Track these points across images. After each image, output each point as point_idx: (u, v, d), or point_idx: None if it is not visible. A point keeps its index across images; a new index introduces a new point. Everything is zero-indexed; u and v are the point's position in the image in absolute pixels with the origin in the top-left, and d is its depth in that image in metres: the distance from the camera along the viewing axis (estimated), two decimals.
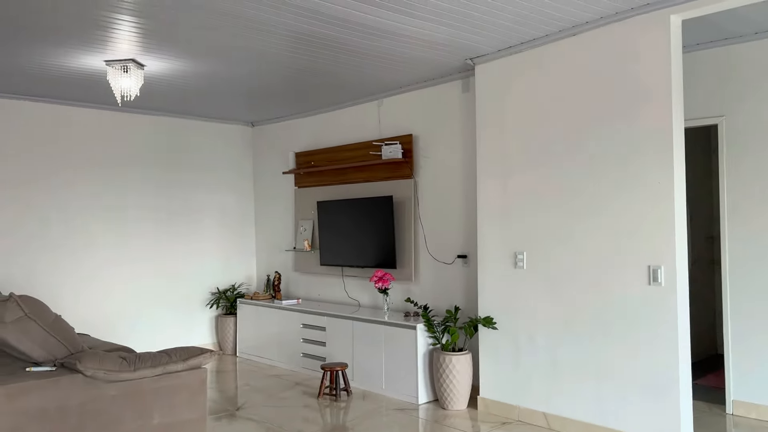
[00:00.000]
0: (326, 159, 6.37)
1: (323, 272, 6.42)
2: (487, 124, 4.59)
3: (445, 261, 5.26)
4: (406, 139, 5.50)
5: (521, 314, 4.38)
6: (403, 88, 5.52)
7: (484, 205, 4.60)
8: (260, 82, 5.32)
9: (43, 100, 5.84)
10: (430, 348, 4.89)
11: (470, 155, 5.04)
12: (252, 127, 7.45)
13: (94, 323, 6.19)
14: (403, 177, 5.57)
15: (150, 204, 6.62)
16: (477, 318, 4.57)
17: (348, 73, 5.01)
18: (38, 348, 3.47)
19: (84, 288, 6.14)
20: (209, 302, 7.06)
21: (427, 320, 4.78)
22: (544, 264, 4.25)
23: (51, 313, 3.59)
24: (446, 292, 5.24)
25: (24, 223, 5.79)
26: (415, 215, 5.49)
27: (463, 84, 5.08)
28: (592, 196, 4.00)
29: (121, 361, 3.52)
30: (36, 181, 5.86)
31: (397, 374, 4.99)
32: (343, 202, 5.99)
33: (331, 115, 6.38)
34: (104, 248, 6.28)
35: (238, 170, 7.37)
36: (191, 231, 6.94)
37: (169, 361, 3.68)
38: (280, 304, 6.28)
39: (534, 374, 4.31)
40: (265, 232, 7.33)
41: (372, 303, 5.92)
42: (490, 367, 4.57)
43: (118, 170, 6.39)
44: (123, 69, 4.57)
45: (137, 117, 6.52)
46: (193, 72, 4.97)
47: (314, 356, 5.82)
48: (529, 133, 4.33)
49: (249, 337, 6.66)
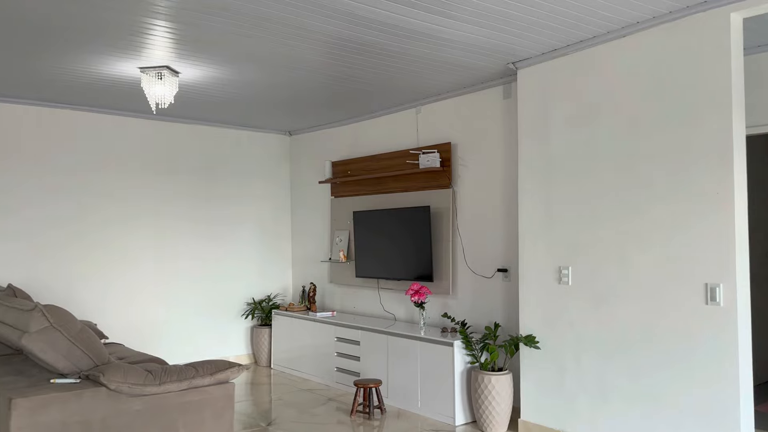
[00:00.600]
0: (363, 168, 6.22)
1: (359, 284, 6.26)
2: (529, 131, 4.37)
3: (484, 275, 5.03)
4: (444, 147, 5.31)
5: (566, 333, 4.12)
6: (442, 95, 5.33)
7: (526, 217, 4.37)
8: (297, 89, 5.22)
9: (79, 108, 5.86)
10: (468, 366, 4.66)
11: (511, 164, 4.81)
12: (290, 136, 7.37)
13: (129, 333, 6.17)
14: (441, 186, 5.37)
15: (187, 213, 6.59)
16: (518, 336, 4.32)
17: (385, 79, 4.86)
18: (63, 359, 3.39)
19: (119, 297, 6.13)
20: (244, 313, 6.98)
21: (464, 337, 4.56)
22: (591, 280, 3.99)
23: (77, 323, 3.51)
24: (485, 308, 5.01)
25: (58, 231, 5.80)
26: (453, 226, 5.28)
27: (505, 90, 4.87)
28: (644, 207, 3.73)
29: (147, 374, 3.42)
30: (71, 190, 5.88)
31: (433, 393, 4.77)
32: (379, 212, 5.82)
33: (369, 123, 6.24)
34: (140, 258, 6.26)
35: (275, 179, 7.29)
36: (228, 241, 6.88)
37: (196, 374, 3.56)
38: (314, 316, 6.14)
39: (580, 398, 4.03)
40: (301, 242, 7.22)
41: (408, 317, 5.72)
42: (532, 389, 4.31)
43: (155, 179, 6.37)
44: (158, 76, 4.52)
45: (173, 125, 6.50)
46: (228, 79, 4.90)
47: (348, 371, 5.64)
48: (575, 140, 4.09)
49: (283, 349, 6.54)
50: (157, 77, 4.52)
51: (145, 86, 4.53)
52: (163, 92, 4.54)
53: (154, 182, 6.38)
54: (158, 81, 4.53)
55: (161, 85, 4.53)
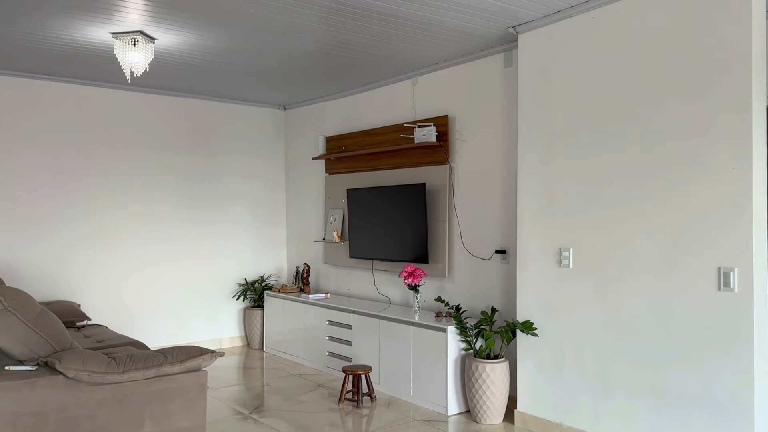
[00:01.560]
0: (357, 143, 5.92)
1: (353, 265, 5.98)
2: (530, 102, 4.03)
3: (482, 256, 4.73)
4: (441, 120, 4.99)
5: (566, 320, 3.82)
6: (439, 64, 4.99)
7: (525, 195, 4.06)
8: (288, 58, 4.90)
9: (57, 79, 5.58)
10: (462, 353, 4.38)
11: (512, 138, 4.49)
12: (284, 111, 7.06)
13: (115, 315, 5.95)
14: (438, 162, 5.06)
15: (177, 191, 6.32)
16: (515, 322, 4.03)
17: (381, 46, 4.53)
18: (19, 345, 3.15)
19: (105, 278, 5.90)
20: (236, 294, 6.74)
21: (459, 322, 4.28)
22: (594, 263, 3.68)
23: (36, 305, 3.27)
24: (482, 292, 4.72)
25: (39, 209, 5.56)
26: (450, 205, 4.97)
27: (505, 57, 4.53)
28: (653, 185, 3.41)
29: (109, 361, 3.17)
30: (53, 166, 5.63)
31: (425, 380, 4.51)
32: (373, 190, 5.52)
33: (364, 96, 5.92)
34: (126, 237, 6.02)
35: (269, 156, 7.00)
36: (220, 219, 6.62)
37: (164, 362, 3.31)
38: (306, 298, 5.89)
39: (580, 389, 3.75)
40: (296, 221, 6.95)
41: (404, 300, 5.45)
42: (529, 379, 4.03)
43: (141, 155, 6.10)
44: (131, 42, 4.22)
45: (160, 98, 6.21)
46: (209, 46, 4.59)
47: (339, 356, 5.39)
48: (580, 111, 3.76)
49: (276, 332, 6.31)
50: (131, 43, 4.22)
51: (119, 53, 4.24)
52: (137, 60, 4.25)
53: (141, 159, 6.11)
54: (132, 48, 4.23)
55: (135, 52, 4.23)
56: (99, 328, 5.23)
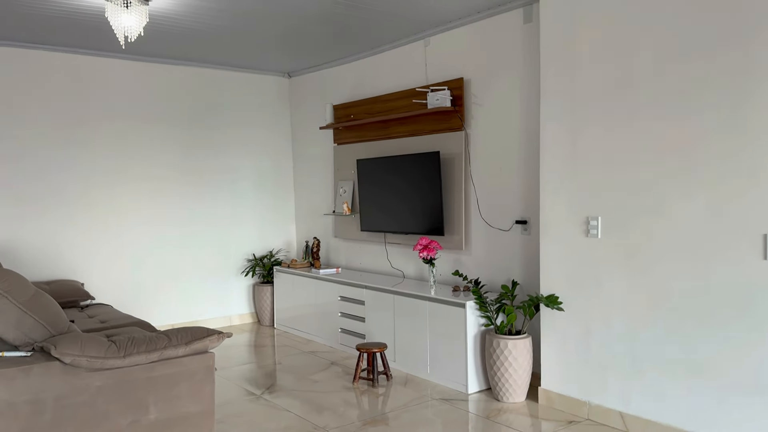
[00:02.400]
0: (366, 111, 5.64)
1: (364, 239, 5.76)
2: (554, 60, 3.74)
3: (501, 227, 4.49)
4: (455, 84, 4.70)
5: (594, 293, 3.59)
6: (453, 22, 4.69)
7: (548, 161, 3.79)
8: (292, 18, 4.61)
9: (47, 47, 5.31)
10: (482, 329, 4.17)
11: (533, 101, 4.20)
12: (289, 78, 6.78)
13: (120, 293, 5.77)
14: (453, 129, 4.78)
15: (179, 164, 6.09)
16: (539, 296, 3.80)
17: (388, 2, 4.22)
18: (12, 329, 2.95)
19: (108, 256, 5.71)
20: (245, 270, 6.55)
21: (478, 297, 4.05)
22: (624, 232, 3.43)
23: (29, 287, 3.07)
24: (502, 264, 4.49)
25: (37, 186, 5.35)
26: (466, 174, 4.71)
27: (525, 13, 4.22)
28: (689, 146, 3.13)
29: (109, 345, 2.98)
30: (49, 140, 5.39)
31: (443, 358, 4.31)
32: (384, 160, 5.27)
33: (373, 60, 5.62)
34: (129, 213, 5.81)
35: (274, 126, 6.74)
36: (225, 194, 6.39)
37: (168, 344, 3.11)
38: (317, 273, 5.68)
39: (609, 366, 3.53)
40: (304, 194, 6.71)
41: (418, 274, 5.23)
42: (554, 355, 3.82)
43: (141, 127, 5.86)
44: (124, 3, 3.94)
45: (158, 67, 5.94)
46: (209, 8, 4.30)
47: (353, 332, 5.20)
48: (608, 70, 3.46)
49: (286, 308, 6.12)
50: (123, 5, 3.95)
51: (111, 16, 3.96)
52: (131, 23, 3.98)
53: (141, 131, 5.86)
54: (125, 10, 3.96)
55: (128, 14, 3.96)
56: (103, 307, 5.06)
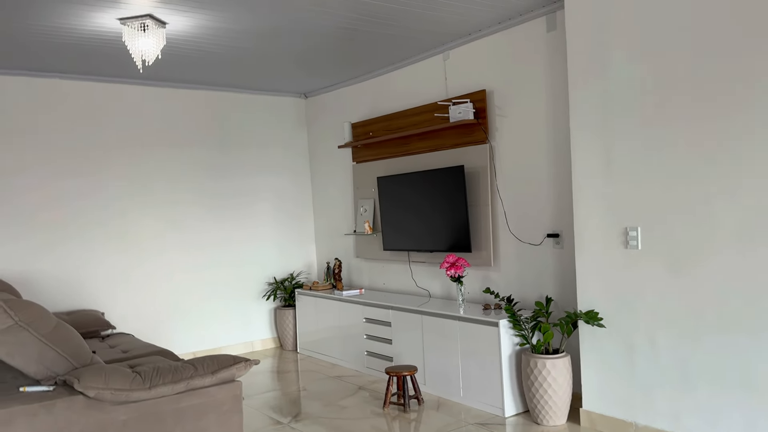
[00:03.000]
0: (385, 128, 5.54)
1: (387, 258, 5.62)
2: (582, 67, 3.62)
3: (531, 242, 4.34)
4: (478, 96, 4.59)
5: (636, 308, 3.42)
6: (473, 34, 4.59)
7: (580, 171, 3.65)
8: (307, 37, 4.53)
9: (67, 76, 5.29)
10: (517, 349, 4.00)
11: (560, 110, 4.08)
12: (305, 99, 6.71)
13: (141, 322, 5.67)
14: (476, 142, 4.66)
15: (197, 189, 6.01)
16: (577, 312, 3.64)
17: (407, 16, 4.14)
18: (34, 363, 2.84)
19: (128, 283, 5.61)
20: (266, 294, 6.43)
21: (511, 315, 3.89)
22: (667, 242, 3.27)
23: (50, 318, 2.96)
24: (534, 280, 4.33)
25: (56, 212, 5.28)
26: (493, 187, 4.58)
27: (548, 21, 4.11)
28: (734, 147, 2.98)
29: (134, 376, 2.86)
30: (69, 169, 5.34)
31: (477, 379, 4.14)
32: (406, 177, 5.15)
33: (390, 77, 5.53)
34: (148, 240, 5.73)
35: (292, 147, 6.66)
36: (244, 217, 6.30)
37: (195, 374, 2.99)
38: (340, 295, 5.55)
39: (656, 384, 3.35)
40: (324, 214, 6.60)
41: (445, 293, 5.07)
42: (595, 374, 3.64)
43: (159, 153, 5.80)
44: (141, 27, 3.89)
45: (175, 92, 5.90)
46: (225, 29, 4.24)
47: (379, 355, 5.05)
48: (643, 73, 3.33)
49: (309, 332, 5.98)
50: (140, 29, 3.89)
51: (128, 40, 3.91)
52: (148, 46, 3.92)
53: (158, 157, 5.80)
54: (142, 33, 3.90)
55: (145, 37, 3.90)
56: (125, 336, 4.95)
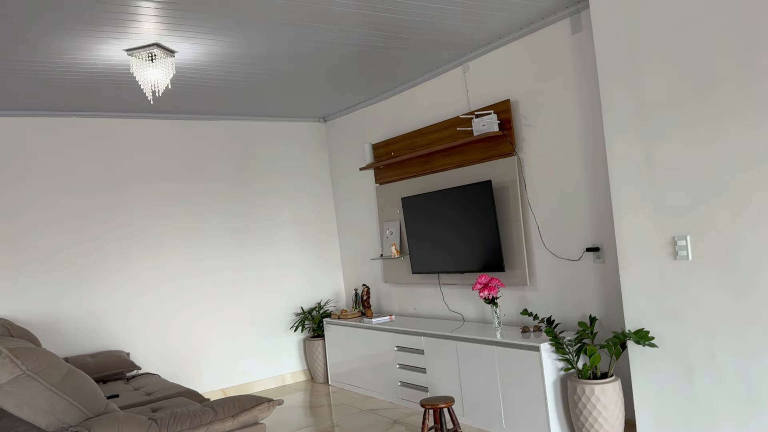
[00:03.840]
0: (407, 147, 5.34)
1: (417, 282, 5.38)
2: (613, 69, 3.37)
3: (569, 257, 4.07)
4: (502, 106, 4.37)
5: (692, 324, 3.12)
6: (493, 43, 4.39)
7: (619, 179, 3.39)
8: (322, 58, 4.39)
9: (78, 114, 5.23)
10: (561, 374, 3.71)
11: (592, 115, 3.83)
12: (324, 123, 6.56)
13: (166, 360, 5.50)
14: (503, 155, 4.43)
15: (219, 222, 5.88)
16: (625, 332, 3.35)
17: (424, 28, 3.96)
18: (45, 414, 2.67)
19: (152, 322, 5.47)
20: (293, 325, 6.23)
21: (553, 338, 3.62)
22: (721, 251, 2.98)
23: (61, 365, 2.79)
24: (574, 298, 4.05)
25: (74, 257, 5.17)
26: (523, 201, 4.33)
27: (573, 22, 3.89)
28: None
29: (150, 424, 2.66)
30: (82, 209, 5.25)
31: (519, 408, 3.85)
32: (431, 195, 4.93)
33: (409, 94, 5.35)
34: (170, 276, 5.58)
35: (313, 172, 6.51)
36: (267, 246, 6.14)
37: (215, 418, 2.78)
38: (370, 322, 5.31)
39: (719, 407, 3.03)
40: (349, 239, 6.41)
41: (479, 316, 4.81)
42: (650, 398, 3.33)
43: (179, 187, 5.68)
44: (149, 57, 3.78)
45: (193, 124, 5.80)
46: (235, 55, 4.11)
47: (414, 385, 4.78)
48: (684, 71, 3.08)
49: (340, 363, 5.74)
50: (148, 59, 3.78)
51: (137, 72, 3.80)
52: (157, 76, 3.80)
53: (179, 190, 5.69)
54: (150, 64, 3.79)
55: (154, 68, 3.79)
56: (150, 377, 4.78)
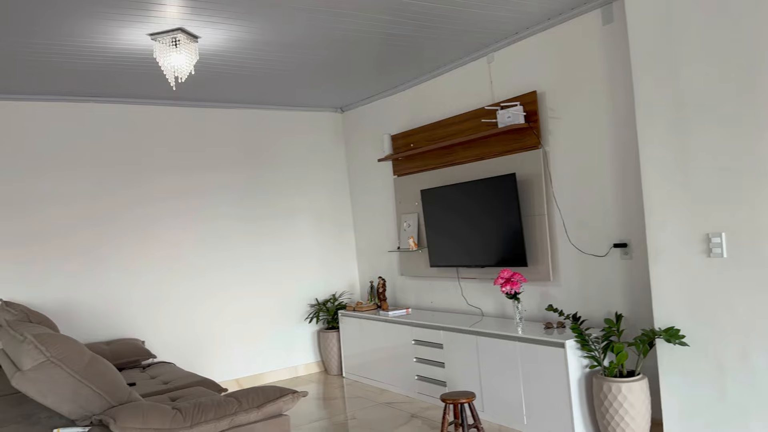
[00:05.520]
0: (427, 138, 5.28)
1: (434, 275, 5.33)
2: (648, 62, 3.30)
3: (595, 253, 4.00)
4: (528, 98, 4.29)
5: (725, 323, 3.05)
6: (520, 33, 4.31)
7: (652, 174, 3.32)
8: (343, 46, 4.32)
9: (97, 99, 5.19)
10: (586, 371, 3.66)
11: (622, 108, 3.76)
12: (342, 113, 6.50)
13: (182, 349, 5.48)
14: (528, 148, 4.36)
15: (235, 211, 5.83)
16: (655, 330, 3.28)
17: (448, 16, 3.89)
18: (68, 402, 2.63)
19: (168, 310, 5.44)
20: (308, 316, 6.19)
21: (579, 335, 3.55)
22: (757, 249, 2.90)
23: (85, 352, 2.75)
24: (599, 295, 3.98)
25: (90, 242, 5.15)
26: (548, 195, 4.26)
27: (604, 13, 3.81)
28: None
29: (174, 414, 2.62)
30: (98, 194, 5.21)
31: (542, 405, 3.80)
32: (451, 188, 4.86)
33: (430, 84, 5.28)
34: (186, 265, 5.55)
35: (330, 163, 6.45)
36: (283, 236, 6.09)
37: (239, 409, 2.74)
38: (386, 315, 5.27)
39: (752, 408, 2.97)
40: (365, 231, 6.35)
41: (499, 311, 4.75)
42: (678, 398, 3.27)
43: (194, 174, 5.64)
44: (172, 42, 3.72)
45: (209, 112, 5.75)
46: (258, 41, 4.05)
47: (431, 379, 4.74)
48: (722, 64, 3.00)
49: (355, 355, 5.71)
50: (172, 44, 3.72)
51: (159, 57, 3.75)
52: (180, 62, 3.75)
53: (194, 178, 5.64)
54: (174, 49, 3.73)
55: (177, 53, 3.73)
56: (166, 366, 4.75)
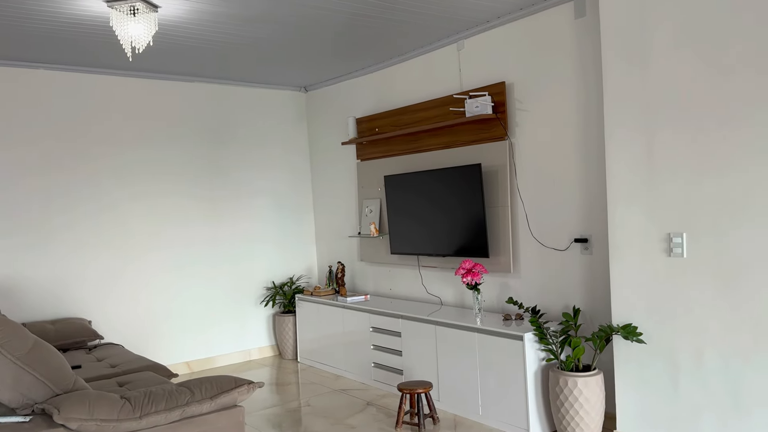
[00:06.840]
0: (393, 123, 5.20)
1: (395, 262, 5.29)
2: (619, 57, 3.29)
3: (555, 247, 4.01)
4: (497, 89, 4.25)
5: (681, 322, 3.10)
6: (491, 22, 4.26)
7: (617, 171, 3.32)
8: (309, 24, 4.19)
9: (51, 66, 4.92)
10: (542, 364, 3.68)
11: (590, 103, 3.75)
12: (305, 93, 6.36)
13: (130, 330, 5.30)
14: (495, 138, 4.33)
15: (190, 189, 5.65)
16: (613, 326, 3.31)
17: (418, 2, 3.80)
18: (8, 390, 2.49)
19: (116, 289, 5.25)
20: (264, 299, 6.08)
21: (537, 328, 3.57)
22: (716, 250, 2.95)
23: (28, 337, 2.61)
24: (558, 289, 4.00)
25: (37, 216, 4.91)
26: (513, 188, 4.25)
27: (576, 6, 3.78)
28: None
29: (123, 404, 2.51)
30: (50, 166, 4.96)
31: (498, 397, 3.81)
32: (416, 175, 4.81)
33: (398, 69, 5.19)
34: (138, 240, 5.36)
35: (291, 143, 6.31)
36: (240, 217, 5.95)
37: (191, 400, 2.65)
38: (344, 301, 5.21)
39: (703, 407, 3.03)
40: (325, 215, 6.26)
41: (458, 301, 4.74)
42: (632, 394, 3.32)
43: (149, 150, 5.43)
44: (130, 10, 3.53)
45: (167, 84, 5.53)
46: (220, 13, 3.88)
47: (388, 367, 4.71)
48: (693, 63, 3.01)
49: (310, 340, 5.64)
50: (129, 13, 3.53)
51: (116, 25, 3.55)
52: (138, 32, 3.56)
53: (149, 153, 5.43)
54: (132, 18, 3.54)
55: (135, 22, 3.54)
56: (113, 348, 4.59)
